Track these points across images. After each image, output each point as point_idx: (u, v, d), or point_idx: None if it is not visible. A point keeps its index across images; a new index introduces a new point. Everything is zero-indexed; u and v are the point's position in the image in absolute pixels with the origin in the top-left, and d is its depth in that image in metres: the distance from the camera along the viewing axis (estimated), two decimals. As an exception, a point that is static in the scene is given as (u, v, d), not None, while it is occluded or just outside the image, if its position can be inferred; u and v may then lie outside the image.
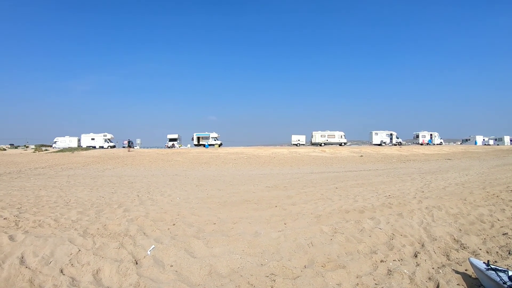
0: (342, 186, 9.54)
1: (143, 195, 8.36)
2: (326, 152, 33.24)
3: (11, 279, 3.12)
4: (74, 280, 3.12)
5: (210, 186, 10.20)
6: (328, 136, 51.86)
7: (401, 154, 31.02)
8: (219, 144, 52.29)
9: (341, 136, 52.18)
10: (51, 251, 3.72)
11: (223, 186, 10.34)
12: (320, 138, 51.75)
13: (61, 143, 57.37)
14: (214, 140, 52.77)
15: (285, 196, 7.80)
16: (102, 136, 56.59)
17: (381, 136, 50.91)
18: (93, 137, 56.55)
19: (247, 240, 4.19)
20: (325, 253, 3.72)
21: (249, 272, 3.28)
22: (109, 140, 56.68)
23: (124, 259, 3.58)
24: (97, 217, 5.56)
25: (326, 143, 51.25)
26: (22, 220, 5.27)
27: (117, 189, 9.63)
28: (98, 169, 19.01)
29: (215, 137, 53.35)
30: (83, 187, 10.10)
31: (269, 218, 5.45)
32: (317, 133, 52.57)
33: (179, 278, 3.18)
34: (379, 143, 50.36)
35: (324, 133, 52.14)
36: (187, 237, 4.40)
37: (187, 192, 8.84)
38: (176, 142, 53.97)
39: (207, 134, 53.76)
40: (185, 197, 7.87)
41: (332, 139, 51.65)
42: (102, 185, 10.75)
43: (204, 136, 53.61)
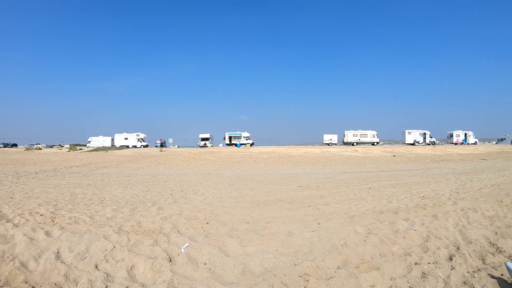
0: (375, 186, 9.89)
1: (177, 193, 8.97)
2: (359, 152, 34.49)
3: (47, 273, 3.54)
4: (109, 275, 3.46)
5: (242, 185, 10.75)
6: (361, 135, 55.40)
7: (435, 154, 31.82)
8: (250, 143, 55.54)
9: (373, 135, 55.35)
10: (86, 247, 4.15)
11: (256, 185, 10.87)
12: (352, 138, 55.37)
13: (95, 143, 62.53)
14: (245, 139, 56.49)
15: (318, 195, 8.12)
16: (135, 136, 61.38)
17: (414, 135, 53.52)
18: (126, 137, 61.62)
19: (281, 240, 4.41)
20: (359, 254, 3.88)
21: (283, 271, 3.46)
22: (142, 139, 61.23)
23: (158, 256, 3.91)
24: (132, 215, 6.08)
25: (358, 143, 54.62)
26: (58, 217, 5.89)
27: (150, 188, 10.35)
28: (132, 168, 20.33)
29: (246, 137, 57.01)
30: (117, 185, 10.96)
31: (303, 217, 5.70)
32: (349, 132, 56.16)
33: (213, 276, 3.41)
34: (412, 142, 52.80)
35: (356, 132, 55.73)
36: (221, 235, 4.69)
37: (220, 191, 9.36)
38: (208, 141, 57.84)
39: (239, 133, 57.57)
40: (218, 196, 8.35)
41: (365, 139, 54.96)
42: (135, 184, 11.59)
43: (236, 136, 57.56)
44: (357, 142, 54.87)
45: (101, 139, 64.04)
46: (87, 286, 3.27)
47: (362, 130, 55.99)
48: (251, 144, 55.89)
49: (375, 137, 55.40)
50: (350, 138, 55.60)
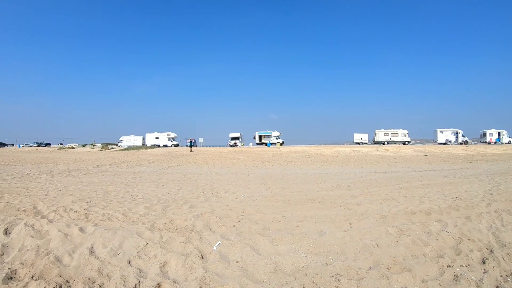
0: (407, 186, 9.90)
1: (208, 192, 9.18)
2: (390, 151, 34.59)
3: (81, 268, 3.72)
4: (141, 271, 3.58)
5: (273, 185, 10.88)
6: (391, 134, 55.60)
7: (468, 154, 31.60)
8: (280, 142, 56.48)
9: (404, 134, 55.44)
10: (120, 243, 4.32)
11: (287, 184, 10.98)
12: (383, 137, 55.63)
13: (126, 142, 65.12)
14: (276, 138, 57.53)
15: (349, 195, 8.17)
16: (166, 135, 63.62)
17: (446, 134, 53.44)
18: (157, 136, 63.92)
19: (312, 239, 4.45)
20: (390, 255, 3.88)
21: (314, 271, 3.50)
22: (172, 139, 63.30)
23: (190, 254, 4.01)
24: (164, 212, 6.27)
25: (389, 142, 54.71)
26: (92, 213, 6.15)
27: (182, 186, 10.63)
28: (163, 167, 20.89)
29: (276, 136, 57.99)
30: (149, 184, 11.32)
31: (334, 217, 5.74)
32: (380, 131, 56.39)
33: (244, 274, 3.48)
34: (444, 142, 52.84)
35: (387, 131, 55.96)
36: (253, 234, 4.78)
37: (251, 190, 9.52)
38: (238, 140, 59.09)
39: (269, 132, 58.59)
40: (249, 195, 8.50)
41: (396, 138, 55.11)
42: (167, 182, 11.92)
43: (266, 135, 58.64)
44: (388, 142, 55.25)
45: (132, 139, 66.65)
46: (120, 281, 3.38)
47: (393, 129, 56.30)
48: (281, 143, 56.85)
49: (406, 136, 55.61)
50: (381, 137, 55.95)
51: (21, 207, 6.71)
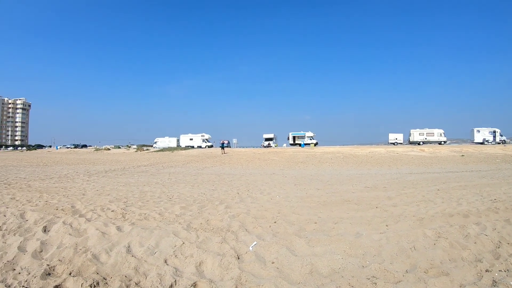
0: (444, 188, 9.82)
1: (243, 192, 9.29)
2: (425, 152, 34.07)
3: (118, 265, 3.84)
4: (178, 270, 3.66)
5: (308, 186, 10.90)
6: (427, 134, 55.76)
7: (506, 154, 30.58)
8: (314, 143, 56.86)
9: (440, 134, 55.40)
10: (156, 243, 4.43)
11: (322, 185, 11.00)
12: (419, 137, 55.98)
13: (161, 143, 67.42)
14: (309, 139, 58.27)
15: (385, 197, 8.16)
16: (200, 136, 65.43)
17: (484, 133, 52.84)
18: (192, 137, 65.81)
19: (349, 241, 4.44)
20: (427, 258, 3.82)
21: (350, 273, 3.49)
22: (206, 140, 64.98)
23: (226, 254, 4.07)
24: (200, 213, 6.39)
25: (424, 142, 55.04)
26: (129, 213, 6.36)
27: (217, 187, 10.78)
28: (197, 168, 21.25)
29: (310, 136, 58.80)
30: (184, 184, 11.56)
31: (370, 219, 5.72)
32: (415, 131, 56.82)
33: (280, 275, 3.50)
34: (481, 141, 52.02)
35: (422, 131, 56.26)
36: (289, 235, 4.80)
37: (286, 191, 9.55)
38: (272, 141, 60.05)
39: (303, 133, 59.54)
40: (284, 196, 8.53)
41: (431, 138, 55.19)
42: (202, 183, 12.14)
43: (299, 136, 59.61)
44: (424, 141, 55.19)
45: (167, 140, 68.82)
46: (156, 279, 3.45)
47: (429, 129, 56.25)
48: (315, 144, 57.13)
49: (442, 136, 55.32)
50: (416, 137, 56.09)
51: (59, 206, 7.03)
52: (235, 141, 64.98)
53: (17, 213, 6.33)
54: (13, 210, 6.63)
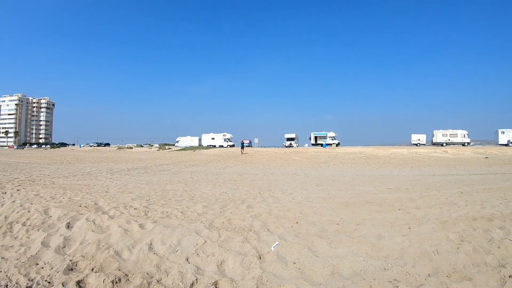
0: (467, 190, 9.65)
1: (265, 192, 9.33)
2: (448, 153, 33.78)
3: (139, 262, 3.94)
4: (199, 269, 3.72)
5: (330, 186, 10.90)
6: (450, 135, 55.95)
7: None
8: (336, 143, 57.35)
9: (464, 135, 55.55)
10: (178, 241, 4.52)
11: (343, 186, 10.98)
12: (442, 138, 56.06)
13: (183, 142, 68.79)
14: (331, 139, 58.84)
15: (407, 199, 8.10)
16: (222, 136, 66.79)
17: (508, 135, 52.50)
18: (213, 137, 67.17)
19: (371, 243, 4.43)
20: (450, 262, 3.78)
21: (372, 275, 3.48)
22: (228, 139, 66.31)
23: (248, 253, 4.11)
24: (222, 212, 6.47)
25: (448, 143, 55.08)
26: (151, 211, 6.48)
27: (238, 186, 10.87)
28: (219, 167, 21.41)
29: (332, 136, 59.38)
30: (206, 183, 11.69)
31: (393, 221, 5.68)
32: (439, 132, 56.93)
33: (301, 276, 3.52)
34: (506, 143, 51.37)
35: (446, 132, 56.41)
36: (310, 235, 4.81)
37: (308, 191, 9.57)
38: (294, 141, 60.88)
39: (325, 133, 60.24)
40: (306, 196, 8.55)
41: (454, 139, 55.36)
42: (224, 182, 12.25)
43: (321, 136, 60.32)
44: (447, 143, 55.24)
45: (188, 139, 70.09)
46: (177, 277, 3.53)
47: (452, 130, 56.37)
48: (337, 144, 57.49)
49: (466, 137, 55.31)
50: (439, 138, 56.16)
51: (82, 203, 7.23)
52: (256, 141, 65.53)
53: (41, 209, 6.55)
54: (37, 206, 6.85)
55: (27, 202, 7.37)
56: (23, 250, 4.58)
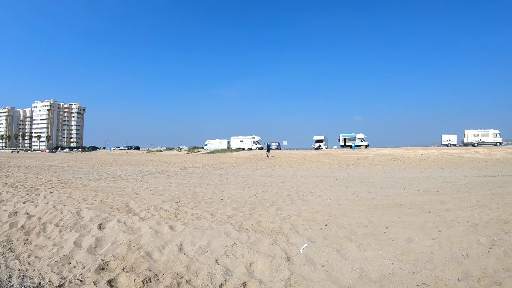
0: (499, 192, 9.37)
1: (294, 195, 9.37)
2: (480, 153, 33.00)
3: (170, 263, 4.09)
4: (228, 270, 3.82)
5: (359, 188, 10.83)
6: (482, 135, 55.15)
7: None
8: (366, 145, 57.44)
9: (495, 135, 54.62)
10: (208, 242, 4.64)
11: (373, 188, 10.89)
12: (473, 138, 55.48)
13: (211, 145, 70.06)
14: (360, 141, 58.79)
15: (438, 201, 7.97)
16: (251, 138, 67.96)
17: None
18: (242, 139, 68.42)
19: (400, 246, 4.41)
20: (480, 267, 3.72)
21: (401, 279, 3.48)
22: (257, 142, 67.31)
23: (276, 255, 4.17)
24: (251, 214, 6.54)
25: (479, 143, 54.40)
26: (181, 213, 6.64)
27: (268, 188, 10.93)
28: (248, 169, 21.59)
29: (361, 138, 59.29)
30: (235, 186, 11.83)
31: (423, 224, 5.62)
32: (470, 132, 56.39)
33: (330, 278, 3.56)
34: None
35: (477, 132, 55.75)
36: (339, 238, 4.83)
37: (337, 194, 9.55)
38: (322, 143, 61.29)
39: (354, 135, 60.17)
40: (335, 199, 8.53)
41: (486, 139, 54.52)
42: (253, 184, 12.36)
43: (350, 137, 60.30)
44: (478, 143, 54.53)
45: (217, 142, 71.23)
46: (207, 278, 3.63)
47: (483, 129, 55.62)
48: (366, 145, 57.47)
49: (498, 137, 54.44)
50: (470, 138, 55.66)
51: (114, 205, 7.49)
52: (285, 143, 66.14)
53: (73, 210, 6.84)
54: (69, 207, 7.15)
55: (59, 203, 7.69)
56: (56, 249, 4.82)
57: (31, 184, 11.95)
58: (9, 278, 4.03)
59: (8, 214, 6.95)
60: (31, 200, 8.20)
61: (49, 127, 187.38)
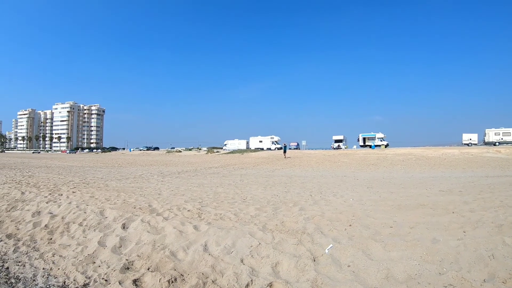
0: None
1: (316, 195, 9.38)
2: (502, 153, 32.53)
3: (195, 263, 4.13)
4: (254, 270, 3.84)
5: (381, 189, 10.82)
6: (503, 134, 54.68)
7: None
8: (385, 144, 57.07)
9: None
10: (233, 242, 4.67)
11: (395, 188, 10.86)
12: (494, 137, 55.03)
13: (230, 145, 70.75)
14: (380, 140, 58.62)
15: (461, 201, 7.89)
16: (270, 139, 68.44)
17: None
18: (261, 140, 69.02)
19: (425, 246, 4.37)
20: (506, 268, 3.67)
21: (427, 280, 3.47)
22: (276, 142, 67.72)
23: (302, 255, 4.18)
24: (274, 214, 6.55)
25: (500, 142, 53.52)
26: (204, 213, 6.70)
27: (289, 189, 10.96)
28: (268, 169, 21.69)
29: (381, 138, 59.13)
30: (256, 186, 11.91)
31: (447, 224, 5.56)
32: (491, 131, 55.97)
33: (356, 279, 3.56)
34: None
35: (498, 130, 55.38)
36: (364, 238, 4.81)
37: (359, 194, 9.53)
38: (342, 143, 61.34)
39: (373, 134, 60.16)
40: (357, 199, 8.52)
41: (508, 137, 53.99)
42: (274, 184, 12.40)
43: (370, 137, 60.34)
44: (500, 142, 53.96)
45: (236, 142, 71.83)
46: (233, 278, 3.66)
47: (505, 128, 55.30)
48: (386, 145, 57.15)
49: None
50: (492, 138, 55.21)
51: (137, 205, 7.61)
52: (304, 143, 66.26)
53: (96, 210, 6.99)
54: (92, 207, 7.31)
55: (82, 203, 7.86)
56: (80, 249, 4.93)
57: (54, 184, 12.27)
58: (33, 277, 4.14)
59: (31, 213, 7.14)
60: (54, 200, 8.41)
61: (69, 128, 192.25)
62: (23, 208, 7.77)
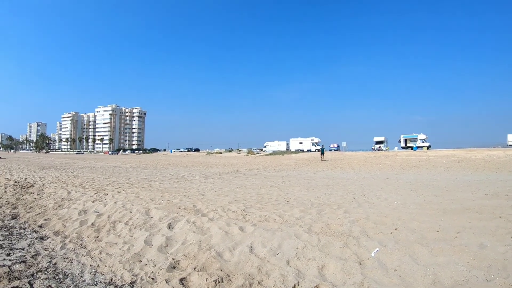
0: None
1: (359, 197, 9.32)
2: None
3: (241, 264, 4.25)
4: (300, 272, 3.90)
5: (425, 192, 10.58)
6: None
7: None
8: (427, 146, 55.76)
9: None
10: (279, 244, 4.75)
11: (439, 192, 10.60)
12: None
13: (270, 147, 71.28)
14: (422, 141, 57.38)
15: (508, 206, 7.64)
16: (310, 140, 68.81)
17: None
18: (301, 141, 69.56)
19: (473, 252, 4.27)
20: None
21: (474, 286, 3.41)
22: (316, 143, 67.79)
23: (348, 259, 4.19)
24: (319, 216, 6.59)
25: None
26: (249, 214, 6.82)
27: (332, 191, 10.93)
28: (309, 171, 21.60)
29: (423, 139, 57.81)
30: (299, 188, 11.92)
31: (494, 230, 5.40)
32: None
33: (403, 284, 3.54)
34: None
35: None
36: (410, 242, 4.75)
37: (403, 197, 9.39)
38: (383, 144, 61.10)
39: (415, 135, 58.95)
40: (402, 202, 8.39)
41: None
42: (316, 186, 12.39)
43: (411, 138, 59.27)
44: None
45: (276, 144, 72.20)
46: (279, 279, 3.73)
47: None
48: (427, 147, 55.90)
49: None
50: None
51: (181, 205, 7.85)
52: (344, 145, 65.87)
53: (142, 210, 7.28)
54: (138, 207, 7.61)
55: (128, 203, 8.20)
56: (127, 247, 5.18)
57: (99, 184, 12.82)
58: (81, 273, 4.39)
59: (78, 212, 7.55)
60: (100, 199, 8.83)
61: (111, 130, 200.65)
62: (70, 207, 8.22)
